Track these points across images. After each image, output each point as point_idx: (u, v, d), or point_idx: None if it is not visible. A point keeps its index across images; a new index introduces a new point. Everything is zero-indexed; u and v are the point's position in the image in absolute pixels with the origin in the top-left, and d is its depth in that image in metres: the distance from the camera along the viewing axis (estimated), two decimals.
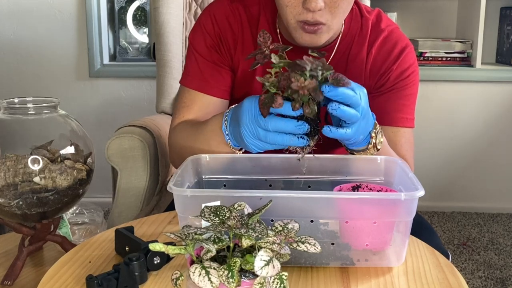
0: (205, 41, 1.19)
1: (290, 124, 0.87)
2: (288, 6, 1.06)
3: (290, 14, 1.07)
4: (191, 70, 1.21)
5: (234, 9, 1.20)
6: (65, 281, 0.82)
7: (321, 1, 1.02)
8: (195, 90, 1.20)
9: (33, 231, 1.05)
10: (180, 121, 1.19)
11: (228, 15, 1.19)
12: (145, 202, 1.57)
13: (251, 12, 1.20)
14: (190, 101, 1.20)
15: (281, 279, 0.64)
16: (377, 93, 1.20)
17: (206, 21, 1.20)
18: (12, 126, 1.02)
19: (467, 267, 2.26)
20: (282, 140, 0.89)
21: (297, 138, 0.88)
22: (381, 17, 1.22)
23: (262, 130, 0.89)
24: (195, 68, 1.20)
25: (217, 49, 1.19)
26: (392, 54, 1.19)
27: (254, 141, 0.92)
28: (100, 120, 2.74)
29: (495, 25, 2.78)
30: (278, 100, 0.85)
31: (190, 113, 1.19)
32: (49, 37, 2.69)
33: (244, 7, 1.20)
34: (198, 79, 1.19)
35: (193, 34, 1.22)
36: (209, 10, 1.22)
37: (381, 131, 1.00)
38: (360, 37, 1.20)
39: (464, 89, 2.71)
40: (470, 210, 2.83)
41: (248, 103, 0.92)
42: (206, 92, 1.19)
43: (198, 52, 1.20)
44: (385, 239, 0.84)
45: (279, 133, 0.88)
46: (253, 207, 0.75)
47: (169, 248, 0.66)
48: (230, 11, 1.20)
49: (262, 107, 0.86)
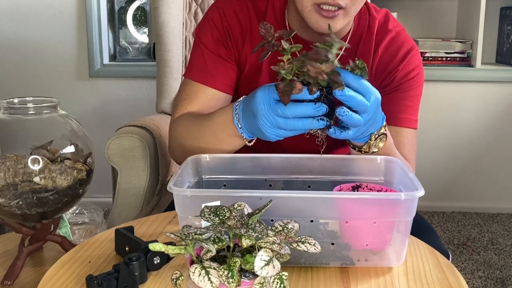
0: (212, 35, 1.18)
1: (309, 107, 0.87)
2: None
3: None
4: (196, 63, 1.20)
5: (242, 4, 1.19)
6: (65, 281, 0.82)
7: None
8: (198, 83, 1.18)
9: (33, 231, 1.05)
10: (183, 113, 1.18)
11: (236, 10, 1.19)
12: (145, 202, 1.57)
13: (258, 7, 1.20)
14: (193, 94, 1.19)
15: (281, 279, 0.64)
16: (382, 93, 1.20)
17: (214, 15, 1.19)
18: (12, 126, 1.02)
19: (467, 267, 2.26)
20: (303, 125, 0.88)
21: (317, 121, 0.88)
22: (388, 17, 1.23)
23: (282, 118, 0.89)
24: (200, 61, 1.19)
25: (224, 43, 1.19)
26: (398, 55, 1.19)
27: (274, 130, 0.91)
28: (100, 120, 2.74)
29: (495, 25, 2.78)
30: (298, 86, 0.85)
31: (193, 106, 1.17)
32: (49, 37, 2.69)
33: (253, 2, 1.20)
34: (203, 72, 1.18)
35: (200, 28, 1.21)
36: (217, 4, 1.21)
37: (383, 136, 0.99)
38: (368, 35, 1.20)
39: (464, 89, 2.71)
40: (470, 210, 2.83)
41: (261, 93, 0.91)
42: (210, 85, 1.18)
43: (204, 45, 1.19)
44: (385, 239, 0.84)
45: (299, 119, 0.88)
46: (253, 207, 0.75)
47: (169, 248, 0.66)
48: (238, 5, 1.19)
49: (282, 95, 0.85)
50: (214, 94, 1.18)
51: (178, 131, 1.15)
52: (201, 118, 1.10)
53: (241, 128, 0.98)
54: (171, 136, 1.19)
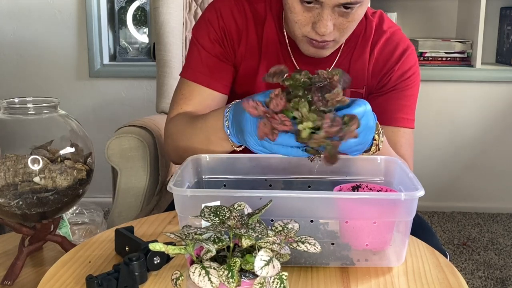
0: (209, 35, 1.19)
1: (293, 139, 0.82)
2: (297, 23, 1.07)
3: (298, 29, 1.08)
4: (193, 62, 1.20)
5: (239, 5, 1.20)
6: (65, 281, 0.82)
7: (331, 26, 1.03)
8: (195, 83, 1.19)
9: (33, 231, 1.05)
10: (178, 113, 1.18)
11: (233, 10, 1.19)
12: (145, 202, 1.57)
13: (256, 9, 1.20)
14: (189, 93, 1.19)
15: (281, 279, 0.64)
16: (378, 93, 1.21)
17: (211, 15, 1.20)
18: (12, 126, 1.02)
19: (467, 267, 2.26)
20: (287, 152, 0.85)
21: (302, 151, 0.85)
22: (383, 18, 1.23)
23: (267, 142, 0.86)
24: (197, 61, 1.19)
25: (221, 43, 1.19)
26: (394, 55, 1.19)
27: (260, 148, 0.90)
28: (100, 120, 2.74)
29: (495, 25, 2.78)
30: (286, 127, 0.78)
31: (189, 105, 1.18)
32: (49, 37, 2.69)
33: (249, 3, 1.20)
34: (199, 72, 1.19)
35: (196, 28, 1.22)
36: (214, 4, 1.21)
37: (382, 131, 1.00)
38: (364, 39, 1.21)
39: (464, 89, 2.71)
40: (470, 210, 2.83)
41: None
42: (206, 85, 1.18)
43: (201, 45, 1.19)
44: (385, 239, 0.84)
45: (283, 146, 0.85)
46: (253, 207, 0.75)
47: (169, 248, 0.66)
48: (235, 6, 1.20)
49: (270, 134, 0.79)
50: (210, 94, 1.18)
51: (172, 131, 1.16)
52: (195, 119, 1.10)
53: (230, 135, 0.99)
54: (166, 135, 1.20)
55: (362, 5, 1.04)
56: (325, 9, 1.01)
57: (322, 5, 1.01)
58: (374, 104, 1.20)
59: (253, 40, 1.19)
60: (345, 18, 1.04)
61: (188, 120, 1.13)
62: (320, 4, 1.01)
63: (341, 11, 1.03)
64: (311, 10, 1.03)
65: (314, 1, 1.01)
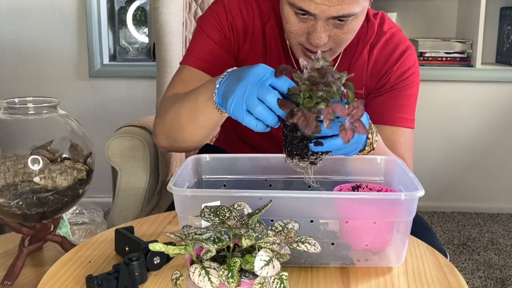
0: (215, 25, 1.19)
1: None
2: (292, 33, 1.08)
3: (294, 39, 1.09)
4: (196, 49, 1.20)
5: (247, 3, 1.21)
6: (65, 281, 0.82)
7: (325, 37, 1.04)
8: (195, 68, 1.18)
9: (33, 231, 1.05)
10: (173, 93, 1.16)
11: (241, 7, 1.20)
12: (145, 202, 1.57)
13: (261, 8, 1.21)
14: (188, 78, 1.18)
15: (281, 279, 0.64)
16: (378, 94, 1.21)
17: (219, 8, 1.20)
18: (12, 126, 1.02)
19: (467, 267, 2.26)
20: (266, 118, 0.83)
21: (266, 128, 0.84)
22: (384, 19, 1.23)
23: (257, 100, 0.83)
24: (200, 48, 1.19)
25: (226, 36, 1.19)
26: (393, 56, 1.20)
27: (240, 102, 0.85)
28: (100, 120, 2.74)
29: (495, 25, 2.78)
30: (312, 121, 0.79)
31: (185, 88, 1.14)
32: (49, 37, 2.69)
33: (257, 3, 1.21)
34: (201, 59, 1.18)
35: (203, 18, 1.22)
36: None
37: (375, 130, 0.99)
38: (364, 40, 1.21)
39: (464, 89, 2.71)
40: (470, 210, 2.83)
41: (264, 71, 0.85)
42: (206, 71, 1.17)
43: (206, 34, 1.19)
44: (385, 239, 0.84)
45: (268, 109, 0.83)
46: (253, 207, 0.75)
47: (169, 248, 0.66)
48: (243, 3, 1.20)
49: None
50: None
51: (161, 108, 1.14)
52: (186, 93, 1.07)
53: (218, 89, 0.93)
54: (156, 116, 1.17)
55: (357, 17, 1.05)
56: (318, 21, 1.02)
57: (315, 17, 1.02)
58: (373, 104, 1.21)
59: (258, 39, 1.20)
60: (340, 30, 1.05)
61: (180, 96, 1.10)
62: (313, 16, 1.02)
63: (335, 22, 1.04)
64: (306, 21, 1.04)
65: (308, 13, 1.02)
